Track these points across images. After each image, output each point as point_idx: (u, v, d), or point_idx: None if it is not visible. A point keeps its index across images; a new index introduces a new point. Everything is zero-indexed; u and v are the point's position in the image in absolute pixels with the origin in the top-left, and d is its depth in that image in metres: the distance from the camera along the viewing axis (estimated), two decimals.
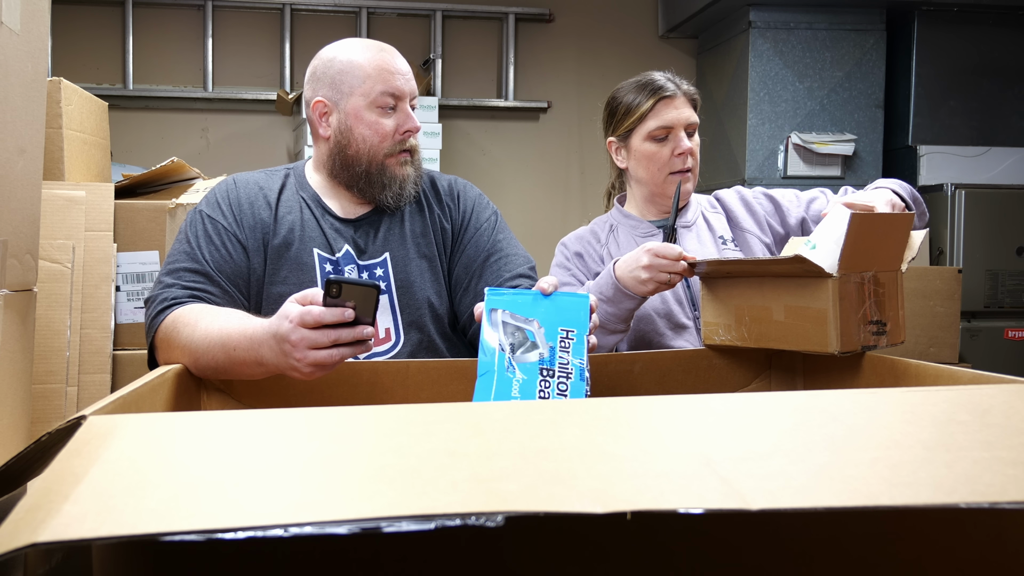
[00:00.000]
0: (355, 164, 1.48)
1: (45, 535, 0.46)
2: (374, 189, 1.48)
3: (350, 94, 1.46)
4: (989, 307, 3.59)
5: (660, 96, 1.68)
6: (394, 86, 1.46)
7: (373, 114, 1.46)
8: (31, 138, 1.35)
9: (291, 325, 1.09)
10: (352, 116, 1.46)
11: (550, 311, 1.17)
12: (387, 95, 1.46)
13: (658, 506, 0.50)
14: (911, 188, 1.58)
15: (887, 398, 0.72)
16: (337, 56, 1.48)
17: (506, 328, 1.16)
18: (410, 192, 1.51)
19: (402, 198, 1.50)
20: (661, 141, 1.69)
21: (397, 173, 1.48)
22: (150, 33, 4.01)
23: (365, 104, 1.45)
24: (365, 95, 1.45)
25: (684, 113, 1.69)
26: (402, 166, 1.49)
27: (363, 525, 0.47)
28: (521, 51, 4.30)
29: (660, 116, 1.68)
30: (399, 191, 1.49)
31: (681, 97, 1.70)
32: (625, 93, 1.74)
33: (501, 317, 1.17)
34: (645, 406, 0.73)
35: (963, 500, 0.50)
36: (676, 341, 1.67)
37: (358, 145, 1.47)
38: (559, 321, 1.17)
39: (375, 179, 1.48)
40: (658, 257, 1.45)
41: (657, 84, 1.70)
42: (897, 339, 1.33)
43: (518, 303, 1.18)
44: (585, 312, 1.17)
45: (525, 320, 1.17)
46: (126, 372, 2.09)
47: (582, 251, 1.77)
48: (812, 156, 3.76)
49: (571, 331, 1.16)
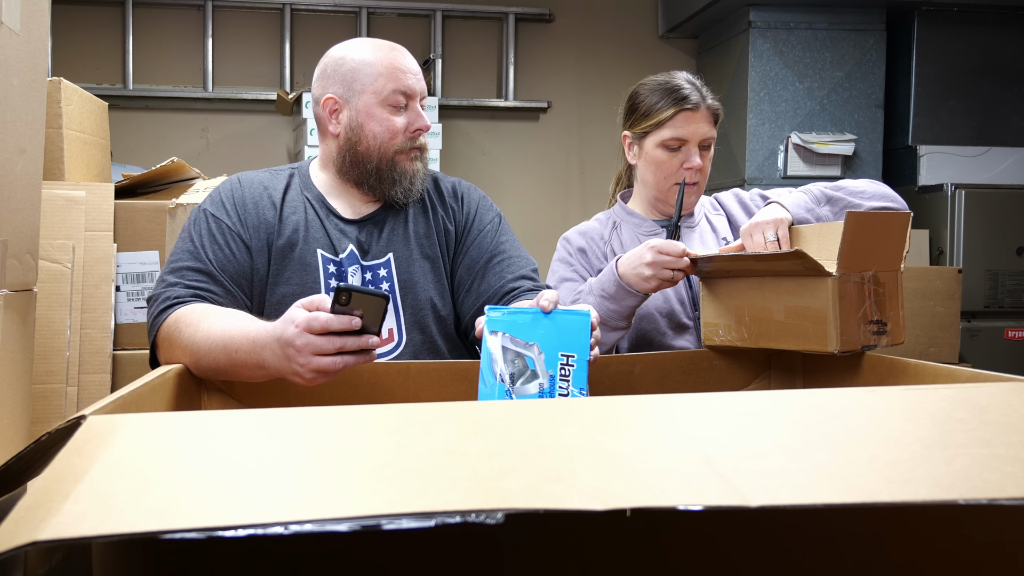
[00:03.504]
0: (366, 161, 1.48)
1: (45, 533, 0.46)
2: (384, 185, 1.49)
3: (361, 92, 1.47)
4: (989, 307, 3.59)
5: (682, 107, 1.66)
6: (406, 84, 1.47)
7: (384, 111, 1.47)
8: (31, 138, 1.35)
9: (296, 330, 1.09)
10: (363, 113, 1.47)
11: (551, 333, 1.15)
12: (399, 93, 1.47)
13: (658, 503, 0.50)
14: (820, 192, 1.59)
15: (886, 396, 0.73)
16: (348, 55, 1.49)
17: (506, 354, 1.14)
18: (419, 188, 1.52)
19: (411, 194, 1.51)
20: (673, 151, 1.68)
21: (407, 168, 1.49)
22: (150, 33, 4.01)
23: (377, 102, 1.46)
24: (377, 93, 1.46)
25: (702, 129, 1.67)
26: (412, 162, 1.50)
27: (363, 523, 0.47)
28: (521, 51, 4.30)
29: (677, 127, 1.66)
30: (409, 186, 1.50)
31: (703, 111, 1.67)
32: (649, 93, 1.71)
33: (501, 341, 1.15)
34: (645, 405, 0.73)
35: (961, 497, 0.50)
36: (677, 341, 1.67)
37: (369, 142, 1.47)
38: (559, 345, 1.14)
39: (385, 175, 1.48)
40: (661, 254, 1.45)
41: (682, 94, 1.66)
42: (898, 339, 1.33)
43: (518, 324, 1.15)
44: (586, 333, 1.15)
45: (525, 345, 1.14)
46: (126, 372, 2.09)
47: (585, 247, 1.76)
48: (812, 156, 3.76)
49: (571, 356, 1.14)
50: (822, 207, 1.58)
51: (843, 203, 1.57)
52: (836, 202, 1.58)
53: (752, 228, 1.53)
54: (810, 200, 1.58)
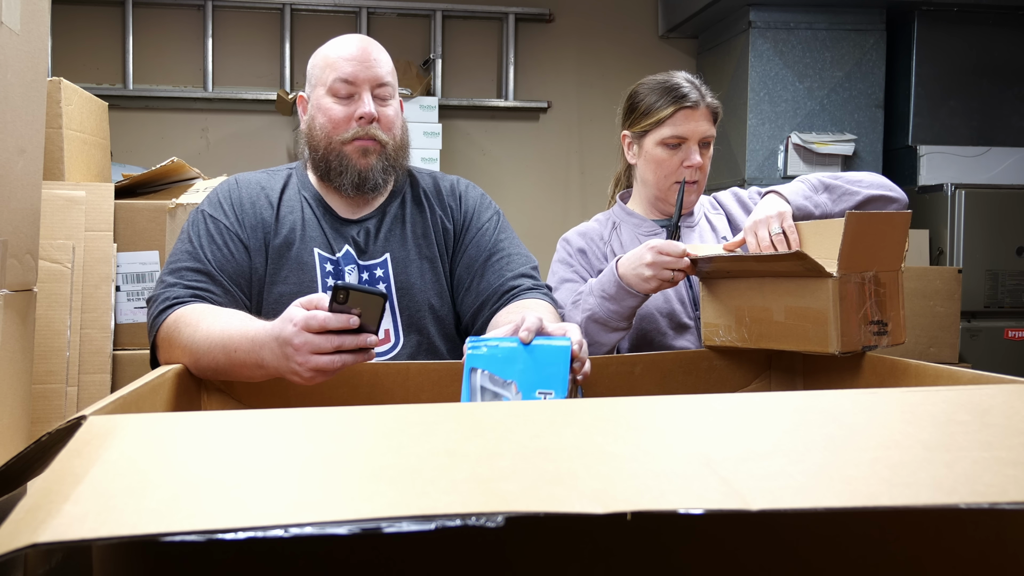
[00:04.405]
0: (315, 151, 1.48)
1: (45, 535, 0.46)
2: (332, 175, 1.47)
3: (316, 85, 1.49)
4: (989, 307, 3.59)
5: (682, 105, 1.66)
6: (346, 71, 1.44)
7: (328, 101, 1.46)
8: (31, 138, 1.35)
9: (295, 329, 1.09)
10: (315, 106, 1.48)
11: (529, 368, 1.13)
12: (340, 81, 1.45)
13: (658, 506, 0.50)
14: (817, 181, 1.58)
15: (887, 398, 0.72)
16: (319, 51, 1.51)
17: (484, 394, 1.13)
18: (376, 184, 1.47)
19: (364, 188, 1.47)
20: (673, 148, 1.69)
21: (357, 162, 1.45)
22: (150, 33, 4.01)
23: (324, 92, 1.47)
24: (324, 84, 1.47)
25: (702, 127, 1.68)
26: (363, 155, 1.45)
27: (363, 525, 0.47)
28: (521, 51, 4.30)
29: (677, 125, 1.67)
30: (358, 180, 1.46)
31: (703, 109, 1.68)
32: (648, 92, 1.71)
33: (480, 381, 1.13)
34: (645, 406, 0.73)
35: (963, 500, 0.50)
36: (678, 341, 1.67)
37: (316, 132, 1.48)
38: (537, 382, 1.12)
39: (333, 166, 1.47)
40: (661, 254, 1.45)
41: (681, 92, 1.67)
42: (898, 339, 1.33)
43: (497, 359, 1.13)
44: (565, 365, 1.12)
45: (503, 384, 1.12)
46: (126, 372, 2.09)
47: (585, 247, 1.76)
48: (812, 156, 3.76)
49: (549, 393, 1.12)
50: (820, 195, 1.57)
51: (840, 190, 1.56)
52: (834, 190, 1.57)
53: (756, 225, 1.52)
54: (808, 188, 1.57)
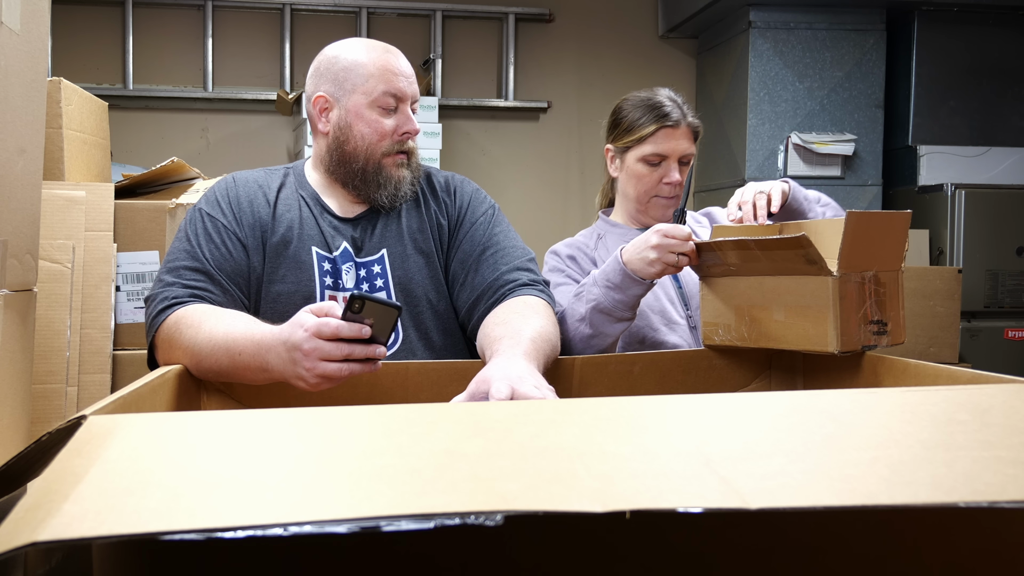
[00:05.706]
0: (352, 161, 1.48)
1: (45, 534, 0.46)
2: (369, 188, 1.49)
3: (352, 91, 1.47)
4: (989, 307, 3.59)
5: (663, 124, 1.73)
6: (396, 87, 1.47)
7: (373, 113, 1.47)
8: (31, 138, 1.35)
9: (306, 334, 1.10)
10: (352, 113, 1.47)
11: None
12: (389, 95, 1.47)
13: (657, 505, 0.50)
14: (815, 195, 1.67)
15: (886, 398, 0.73)
16: (342, 54, 1.49)
17: None
18: (406, 193, 1.51)
19: (397, 199, 1.50)
20: (653, 166, 1.75)
21: (393, 174, 1.49)
22: (150, 33, 4.01)
23: (366, 103, 1.46)
24: (367, 93, 1.46)
25: (682, 145, 1.75)
26: (398, 167, 1.49)
27: (362, 524, 0.47)
28: (521, 51, 4.30)
29: (658, 143, 1.73)
30: (394, 192, 1.49)
31: (684, 128, 1.75)
32: (631, 109, 1.77)
33: None
34: (645, 406, 0.73)
35: (962, 499, 0.50)
36: (670, 336, 1.70)
37: (356, 142, 1.47)
38: None
39: (371, 178, 1.48)
40: (667, 237, 1.45)
41: (664, 111, 1.73)
42: (898, 339, 1.33)
43: None
44: None
45: None
46: (126, 372, 2.09)
47: (575, 254, 1.80)
48: (812, 156, 3.76)
49: None
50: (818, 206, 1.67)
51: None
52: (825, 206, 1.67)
53: (746, 188, 1.59)
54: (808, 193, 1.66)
